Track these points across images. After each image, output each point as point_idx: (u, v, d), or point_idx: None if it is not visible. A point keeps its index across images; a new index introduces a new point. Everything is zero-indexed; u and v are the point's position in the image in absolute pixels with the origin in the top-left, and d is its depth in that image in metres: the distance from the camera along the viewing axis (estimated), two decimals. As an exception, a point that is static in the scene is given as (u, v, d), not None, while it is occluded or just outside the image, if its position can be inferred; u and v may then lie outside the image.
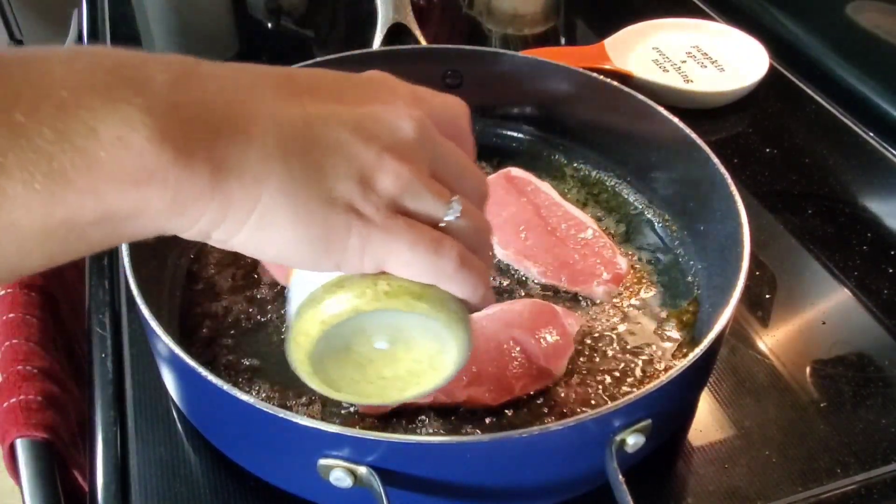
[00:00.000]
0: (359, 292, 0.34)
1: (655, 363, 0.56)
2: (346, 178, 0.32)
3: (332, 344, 0.36)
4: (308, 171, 0.31)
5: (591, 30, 1.00)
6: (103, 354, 0.58)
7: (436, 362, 0.38)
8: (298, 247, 0.32)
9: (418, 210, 0.33)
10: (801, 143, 0.80)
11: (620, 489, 0.43)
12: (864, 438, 0.53)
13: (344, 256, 0.32)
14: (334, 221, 0.31)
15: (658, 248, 0.65)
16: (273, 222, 0.31)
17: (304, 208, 0.31)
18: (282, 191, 0.30)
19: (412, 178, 0.33)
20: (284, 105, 0.32)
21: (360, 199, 0.32)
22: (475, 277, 0.35)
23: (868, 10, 0.85)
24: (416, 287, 0.34)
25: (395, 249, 0.33)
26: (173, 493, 0.50)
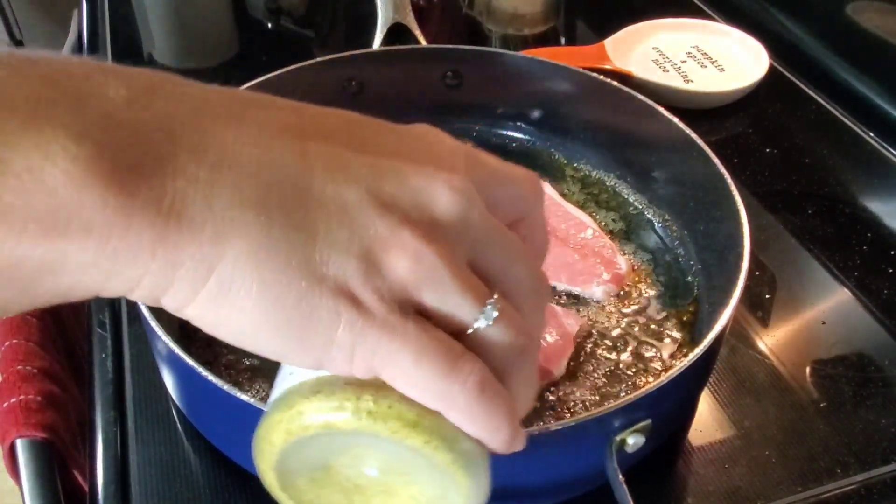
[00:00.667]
0: (336, 405, 0.26)
1: (655, 363, 0.56)
2: (345, 251, 0.24)
3: (305, 459, 0.29)
4: (292, 235, 0.23)
5: (591, 30, 1.00)
6: (103, 354, 0.58)
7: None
8: (266, 333, 0.24)
9: (438, 309, 0.25)
10: (801, 143, 0.80)
11: (620, 489, 0.43)
12: (864, 438, 0.53)
13: (327, 354, 0.25)
14: (318, 304, 0.24)
15: (658, 248, 0.65)
16: (235, 295, 0.23)
17: (279, 282, 0.23)
18: (252, 255, 0.23)
19: (438, 264, 0.25)
20: (279, 143, 0.24)
21: (360, 283, 0.24)
22: (498, 415, 0.26)
23: (868, 10, 0.85)
24: (413, 412, 0.26)
25: (395, 358, 0.25)
26: (173, 493, 0.50)
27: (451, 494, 0.28)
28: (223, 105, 0.24)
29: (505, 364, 0.26)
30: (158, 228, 0.22)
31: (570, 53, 0.88)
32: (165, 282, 0.23)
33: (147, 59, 0.93)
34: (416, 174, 0.25)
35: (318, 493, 0.30)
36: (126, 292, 0.23)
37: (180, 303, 0.24)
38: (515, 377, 0.27)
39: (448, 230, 0.25)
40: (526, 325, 0.27)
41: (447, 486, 0.28)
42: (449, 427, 0.26)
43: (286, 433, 0.27)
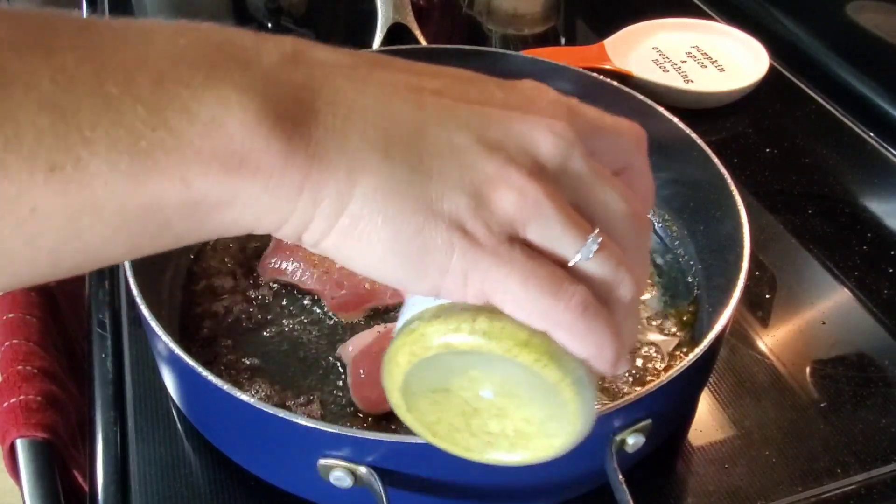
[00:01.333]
0: (454, 326, 0.28)
1: (655, 363, 0.56)
2: (457, 188, 0.26)
3: (427, 381, 0.31)
4: (412, 174, 0.26)
5: (591, 30, 1.00)
6: (103, 354, 0.58)
7: (548, 428, 0.31)
8: (389, 261, 0.27)
9: (542, 241, 0.27)
10: (801, 143, 0.80)
11: (620, 489, 0.43)
12: (864, 438, 0.53)
13: (443, 281, 0.27)
14: (435, 237, 0.26)
15: (658, 248, 0.65)
16: (364, 228, 0.26)
17: (400, 216, 0.26)
18: (378, 191, 0.26)
19: (541, 199, 0.27)
20: (399, 98, 0.27)
21: (471, 217, 0.26)
22: (600, 334, 0.28)
23: (868, 10, 0.85)
24: (524, 333, 0.28)
25: (504, 283, 0.27)
26: (173, 493, 0.50)
27: (561, 415, 0.30)
28: (352, 67, 0.28)
29: (606, 292, 0.28)
30: (305, 169, 0.25)
31: (570, 53, 0.88)
32: (308, 217, 0.26)
33: (147, 59, 0.93)
34: (520, 120, 0.28)
35: (439, 415, 0.32)
36: (276, 227, 0.27)
37: (319, 236, 0.27)
38: (617, 308, 0.29)
39: (550, 171, 0.28)
40: (627, 259, 0.29)
41: (557, 406, 0.30)
42: (557, 347, 0.28)
43: (410, 354, 0.30)
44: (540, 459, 0.32)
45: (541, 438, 0.32)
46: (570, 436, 0.31)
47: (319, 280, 0.60)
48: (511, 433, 0.32)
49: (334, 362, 0.56)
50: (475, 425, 0.33)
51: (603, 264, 0.28)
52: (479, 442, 0.33)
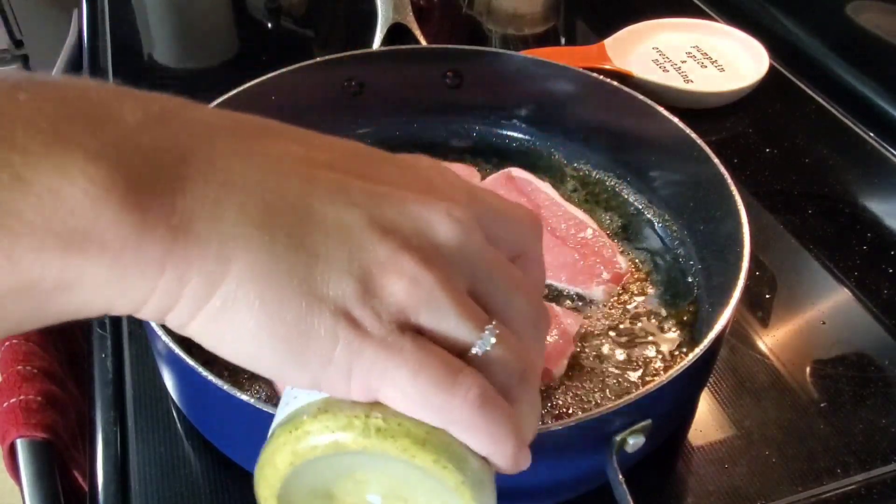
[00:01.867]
0: (345, 423, 0.25)
1: (655, 363, 0.56)
2: (345, 272, 0.24)
3: (307, 485, 0.28)
4: (296, 254, 0.24)
5: (591, 30, 1.00)
6: (103, 354, 0.58)
7: None
8: (265, 350, 0.24)
9: (436, 331, 0.25)
10: (801, 143, 0.80)
11: (620, 489, 0.43)
12: (864, 438, 0.53)
13: (324, 374, 0.25)
14: (316, 324, 0.24)
15: (658, 247, 0.65)
16: (237, 312, 0.24)
17: (280, 300, 0.23)
18: (256, 272, 0.23)
19: (435, 288, 0.25)
20: (285, 169, 0.25)
21: (358, 304, 0.24)
22: (501, 429, 0.26)
23: (868, 10, 0.85)
24: (422, 430, 0.25)
25: (394, 375, 0.25)
26: (173, 493, 0.50)
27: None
28: (233, 132, 0.25)
29: (506, 388, 0.26)
30: (167, 244, 0.22)
31: (570, 53, 0.88)
32: (172, 298, 0.23)
33: (147, 59, 0.93)
34: (416, 202, 0.26)
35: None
36: (135, 310, 0.24)
37: (184, 319, 0.24)
38: (517, 401, 0.27)
39: (447, 257, 0.26)
40: (525, 350, 0.27)
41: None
42: (457, 445, 0.26)
43: (292, 455, 0.26)
44: None
45: None
46: None
47: (319, 280, 0.60)
48: None
49: (334, 362, 0.56)
50: None
51: (501, 355, 0.26)
52: None
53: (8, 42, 1.64)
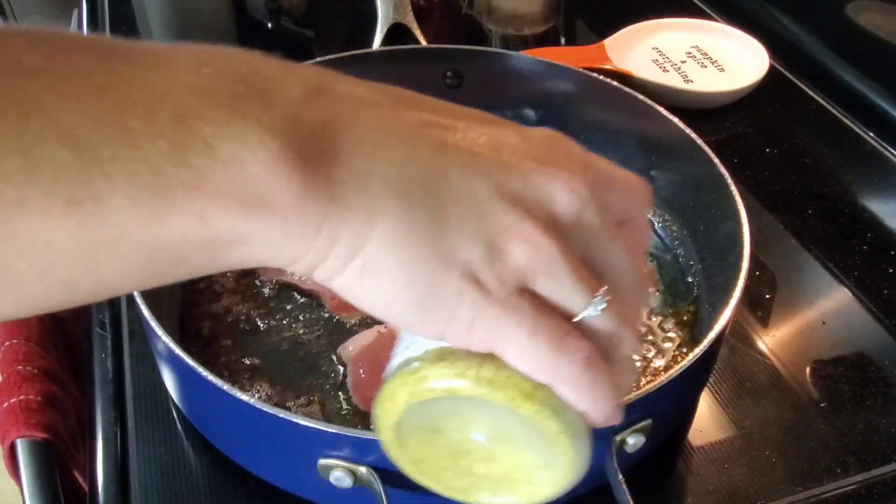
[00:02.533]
0: (459, 372, 0.28)
1: (655, 363, 0.56)
2: (473, 237, 0.27)
3: (421, 420, 0.31)
4: (429, 220, 0.26)
5: (591, 30, 1.00)
6: (103, 354, 0.58)
7: (537, 477, 0.32)
8: (399, 304, 0.27)
9: (551, 296, 0.28)
10: (801, 143, 0.80)
11: (620, 489, 0.43)
12: (864, 438, 0.53)
13: (449, 327, 0.28)
14: (446, 284, 0.27)
15: (658, 248, 0.65)
16: (378, 270, 0.26)
17: (414, 261, 0.26)
18: (394, 236, 0.26)
19: (554, 255, 0.27)
20: (423, 140, 0.27)
21: (484, 267, 0.27)
22: (601, 389, 0.29)
23: (868, 10, 0.85)
24: (528, 384, 0.28)
25: (511, 334, 0.28)
26: (173, 493, 0.50)
27: (553, 465, 0.30)
28: (376, 104, 0.28)
29: (608, 350, 0.29)
30: (325, 210, 0.25)
31: (570, 53, 0.88)
32: (322, 256, 0.26)
33: (147, 59, 0.93)
34: (538, 173, 0.28)
35: (428, 454, 0.33)
36: (289, 265, 0.27)
37: (330, 275, 0.27)
38: (617, 364, 0.30)
39: (565, 226, 0.28)
40: (629, 315, 0.30)
41: (550, 456, 0.30)
42: (559, 401, 0.29)
43: (410, 395, 0.29)
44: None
45: (528, 485, 0.32)
46: (558, 486, 0.31)
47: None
48: (496, 477, 0.33)
49: (334, 362, 0.56)
50: (462, 466, 0.33)
51: (608, 321, 0.29)
52: (463, 483, 0.33)
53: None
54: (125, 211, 0.23)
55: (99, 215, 0.23)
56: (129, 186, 0.23)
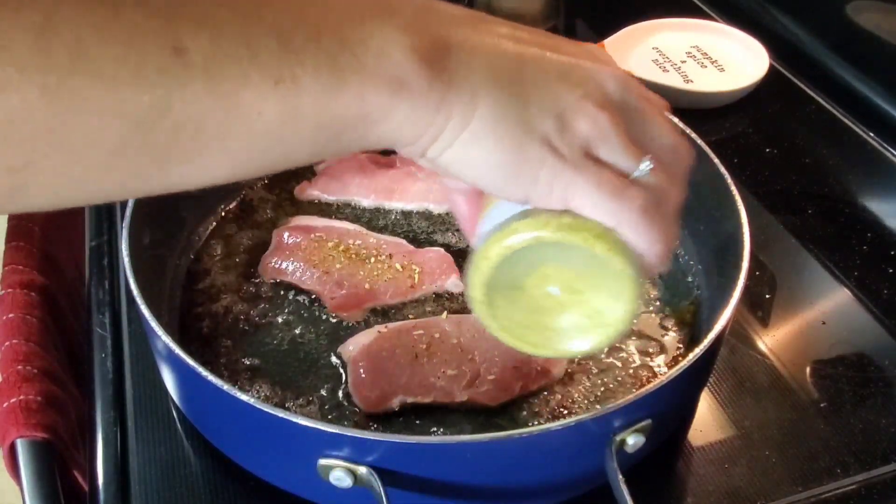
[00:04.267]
0: (543, 222, 0.35)
1: (655, 363, 0.56)
2: (548, 113, 0.34)
3: (508, 276, 0.37)
4: (515, 100, 0.34)
5: (591, 30, 1.00)
6: (103, 354, 0.58)
7: (604, 318, 0.38)
8: (494, 170, 0.34)
9: (608, 159, 0.35)
10: (801, 143, 0.80)
11: (620, 489, 0.43)
12: (864, 438, 0.53)
13: (534, 188, 0.34)
14: (530, 151, 0.34)
15: (658, 248, 0.65)
16: (479, 141, 0.33)
17: (506, 133, 0.33)
18: (492, 112, 0.33)
19: (609, 126, 0.35)
20: (506, 43, 0.35)
21: (557, 136, 0.34)
22: (656, 231, 0.35)
23: (868, 10, 0.85)
24: (599, 227, 0.35)
25: (582, 188, 0.34)
26: (173, 493, 0.50)
27: (619, 297, 0.37)
28: (468, 18, 0.35)
29: (658, 202, 0.36)
30: (443, 92, 0.32)
31: (570, 53, 0.88)
32: (438, 131, 0.33)
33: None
34: (592, 67, 0.36)
35: (511, 313, 0.39)
36: (413, 140, 0.33)
37: (443, 148, 0.34)
38: (666, 214, 0.36)
39: (615, 104, 0.36)
40: (672, 177, 0.37)
41: (616, 293, 0.37)
42: (623, 243, 0.35)
43: (503, 248, 0.36)
44: (592, 349, 0.40)
45: (596, 329, 0.39)
46: (623, 321, 0.38)
47: (319, 280, 0.60)
48: (570, 327, 0.39)
49: (334, 362, 0.56)
50: (538, 321, 0.39)
51: (655, 179, 0.36)
52: (539, 337, 0.40)
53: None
54: (312, 89, 0.30)
55: (295, 92, 0.30)
56: (315, 71, 0.30)
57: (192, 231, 0.64)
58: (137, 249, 0.52)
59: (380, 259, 0.61)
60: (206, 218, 0.66)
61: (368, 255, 0.62)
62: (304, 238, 0.62)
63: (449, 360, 0.54)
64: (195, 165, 0.30)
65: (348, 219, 0.67)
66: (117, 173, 0.29)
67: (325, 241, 0.62)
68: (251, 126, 0.30)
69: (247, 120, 0.29)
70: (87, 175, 0.29)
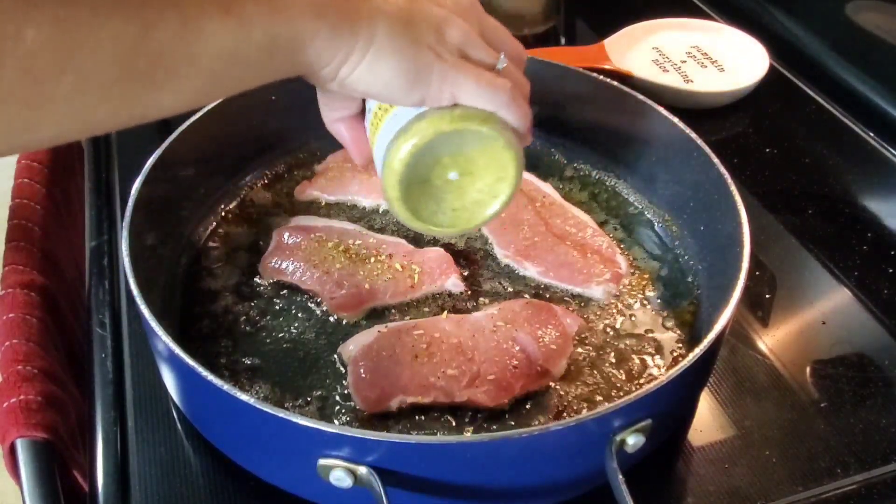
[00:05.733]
0: (438, 117, 0.42)
1: (655, 363, 0.56)
2: (429, 28, 0.42)
3: (416, 172, 0.44)
4: (405, 23, 0.41)
5: (591, 30, 1.00)
6: (103, 354, 0.58)
7: (495, 189, 0.46)
8: (397, 79, 0.41)
9: (477, 58, 0.43)
10: (801, 143, 0.80)
11: (620, 489, 0.43)
12: (864, 438, 0.53)
13: (428, 90, 0.42)
14: (421, 59, 0.41)
15: (658, 247, 0.65)
16: (382, 57, 0.40)
17: (402, 47, 0.40)
18: (389, 32, 0.40)
19: (470, 33, 0.43)
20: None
21: (438, 44, 0.42)
22: (524, 110, 0.44)
23: (868, 10, 0.85)
24: (483, 113, 0.43)
25: (465, 82, 0.42)
26: (173, 493, 0.50)
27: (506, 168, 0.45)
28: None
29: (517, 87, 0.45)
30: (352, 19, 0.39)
31: (570, 53, 0.88)
32: (348, 54, 0.40)
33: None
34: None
35: (423, 204, 0.46)
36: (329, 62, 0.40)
37: (352, 67, 0.40)
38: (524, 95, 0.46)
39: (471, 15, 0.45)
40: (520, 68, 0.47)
41: (504, 162, 0.45)
42: (503, 122, 0.43)
43: (411, 146, 0.43)
44: (493, 216, 0.48)
45: (491, 202, 0.47)
46: (511, 187, 0.46)
47: (319, 280, 0.60)
48: (470, 204, 0.47)
49: (334, 362, 0.56)
50: (445, 206, 0.47)
51: (511, 70, 0.45)
52: (448, 218, 0.48)
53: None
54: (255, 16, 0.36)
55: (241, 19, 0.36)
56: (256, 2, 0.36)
57: (192, 231, 0.64)
58: (137, 249, 0.52)
59: (379, 259, 0.61)
60: (206, 218, 0.66)
61: (368, 255, 0.62)
62: (304, 238, 0.62)
63: (449, 360, 0.54)
64: (168, 91, 0.36)
65: (348, 219, 0.67)
66: (110, 103, 0.35)
67: (325, 241, 0.62)
68: (209, 50, 0.36)
69: (206, 44, 0.35)
70: (88, 105, 0.34)
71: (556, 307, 0.58)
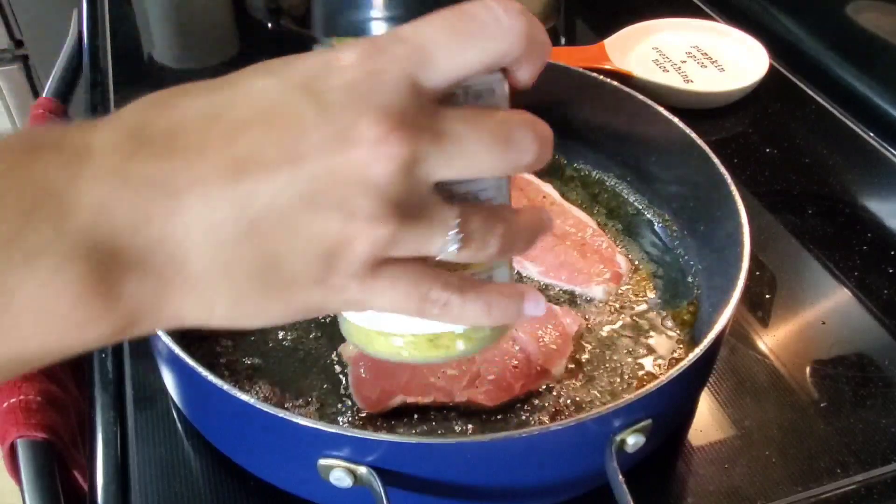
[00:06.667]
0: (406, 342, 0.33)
1: (655, 363, 0.56)
2: (306, 262, 0.27)
3: None
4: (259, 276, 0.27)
5: (591, 30, 1.00)
6: (103, 354, 0.58)
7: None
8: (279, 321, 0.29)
9: (407, 255, 0.28)
10: (801, 143, 0.80)
11: (620, 489, 0.43)
12: (864, 438, 0.53)
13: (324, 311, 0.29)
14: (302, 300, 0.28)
15: (658, 248, 0.65)
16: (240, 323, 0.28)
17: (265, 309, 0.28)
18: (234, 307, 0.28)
19: (393, 232, 0.27)
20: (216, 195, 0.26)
21: (327, 275, 0.27)
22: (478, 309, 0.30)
23: (868, 10, 0.85)
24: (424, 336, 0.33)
25: (376, 305, 0.29)
26: (173, 493, 0.50)
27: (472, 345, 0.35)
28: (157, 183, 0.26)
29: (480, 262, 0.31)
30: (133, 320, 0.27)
31: (570, 53, 0.88)
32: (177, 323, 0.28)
33: (147, 60, 0.93)
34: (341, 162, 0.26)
35: None
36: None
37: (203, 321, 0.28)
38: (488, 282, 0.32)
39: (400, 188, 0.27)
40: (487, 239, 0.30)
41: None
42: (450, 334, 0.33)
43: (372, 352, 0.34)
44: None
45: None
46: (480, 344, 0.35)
47: (319, 280, 0.60)
48: None
49: (334, 362, 0.56)
50: None
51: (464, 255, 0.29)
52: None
53: (8, 42, 1.64)
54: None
55: None
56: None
57: (192, 231, 0.64)
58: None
59: (380, 259, 0.61)
60: (206, 218, 0.66)
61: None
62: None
63: (449, 360, 0.54)
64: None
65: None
66: None
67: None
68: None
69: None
70: None
71: (556, 308, 0.58)
